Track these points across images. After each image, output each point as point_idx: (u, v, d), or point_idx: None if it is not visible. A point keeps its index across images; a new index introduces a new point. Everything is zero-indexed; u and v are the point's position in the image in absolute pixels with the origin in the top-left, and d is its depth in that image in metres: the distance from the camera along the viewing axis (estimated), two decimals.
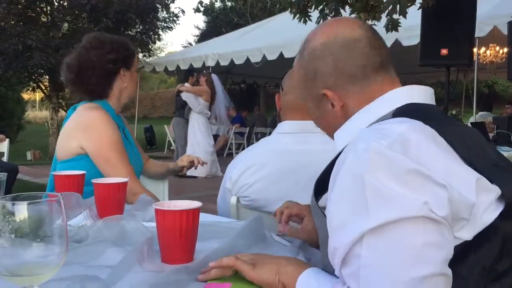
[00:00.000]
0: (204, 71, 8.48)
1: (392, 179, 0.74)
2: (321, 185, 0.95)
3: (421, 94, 0.97)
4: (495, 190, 0.80)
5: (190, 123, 8.00)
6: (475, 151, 0.85)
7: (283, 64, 9.34)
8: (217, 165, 8.10)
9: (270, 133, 1.83)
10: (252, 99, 20.38)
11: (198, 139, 7.89)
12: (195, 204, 1.09)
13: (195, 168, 2.22)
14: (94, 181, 1.43)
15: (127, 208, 1.49)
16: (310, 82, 1.04)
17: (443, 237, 0.74)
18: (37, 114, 31.56)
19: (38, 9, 11.65)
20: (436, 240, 0.73)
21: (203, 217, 1.42)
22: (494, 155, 0.89)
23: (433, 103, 0.98)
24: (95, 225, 1.20)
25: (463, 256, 0.77)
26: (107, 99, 2.06)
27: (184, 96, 7.94)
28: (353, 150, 0.80)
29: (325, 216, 0.88)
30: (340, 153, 0.88)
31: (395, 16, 3.96)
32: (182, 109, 8.33)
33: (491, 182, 0.80)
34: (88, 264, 1.04)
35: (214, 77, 8.20)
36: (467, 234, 0.78)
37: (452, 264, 0.75)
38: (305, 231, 1.28)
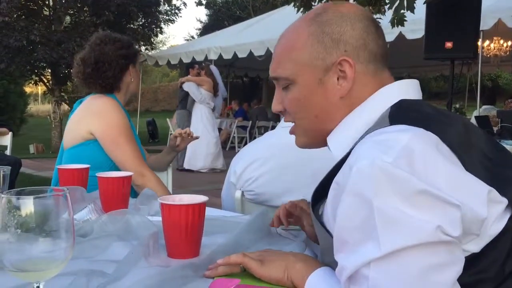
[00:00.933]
0: (203, 63, 8.45)
1: (402, 201, 0.71)
2: (319, 194, 0.93)
3: (410, 88, 0.94)
4: (504, 201, 0.78)
5: (193, 114, 7.92)
6: (470, 144, 0.83)
7: None
8: (222, 158, 8.05)
9: (272, 127, 1.82)
10: (254, 92, 20.35)
11: (201, 131, 7.83)
12: (201, 198, 1.08)
13: (187, 136, 2.19)
14: (98, 175, 1.43)
15: (131, 202, 1.48)
16: (325, 47, 0.92)
17: (454, 256, 0.72)
18: (39, 107, 31.60)
19: (40, 2, 11.62)
20: (447, 261, 0.71)
21: (208, 211, 1.40)
22: (485, 147, 0.86)
23: (420, 95, 0.95)
24: (100, 219, 1.19)
25: (469, 267, 0.75)
26: (116, 92, 2.14)
27: (186, 86, 7.87)
28: (356, 168, 0.75)
29: (326, 230, 0.87)
30: (340, 162, 0.85)
31: (401, 11, 3.92)
32: (184, 101, 8.26)
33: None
34: (93, 258, 1.03)
35: (213, 68, 8.14)
36: (475, 247, 0.77)
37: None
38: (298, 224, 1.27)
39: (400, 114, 0.86)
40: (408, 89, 0.93)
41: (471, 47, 4.36)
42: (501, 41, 8.96)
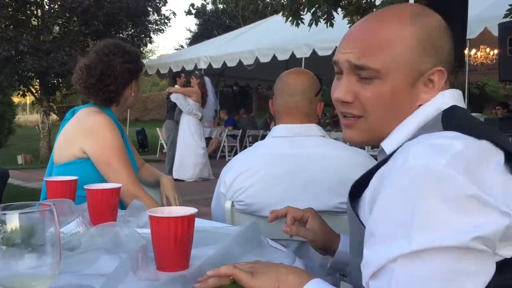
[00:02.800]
0: (197, 72, 8.45)
1: (447, 203, 0.71)
2: (356, 190, 0.93)
3: (459, 96, 0.95)
4: None
5: (181, 125, 7.94)
6: None
7: (275, 66, 9.39)
8: (209, 168, 8.04)
9: (262, 135, 1.82)
10: (245, 101, 20.38)
11: (188, 141, 7.83)
12: (191, 210, 1.07)
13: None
14: (86, 187, 1.41)
15: (120, 214, 1.47)
16: (428, 52, 0.91)
17: (484, 266, 0.72)
18: (27, 117, 31.33)
19: (28, 12, 11.58)
20: (476, 270, 0.71)
21: (198, 222, 1.40)
22: None
23: (464, 105, 0.96)
24: (88, 232, 1.18)
25: (506, 271, 0.75)
26: (113, 105, 2.10)
27: (173, 97, 7.91)
28: (409, 165, 0.75)
29: (362, 224, 0.87)
30: (383, 160, 0.85)
31: None
32: (172, 112, 8.30)
33: None
34: (81, 272, 1.02)
35: (207, 79, 8.16)
36: (509, 252, 0.76)
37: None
38: (310, 231, 1.26)
39: (454, 120, 0.87)
40: (459, 98, 0.95)
41: (458, 56, 4.41)
42: (488, 50, 9.11)
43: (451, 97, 0.94)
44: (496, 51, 8.98)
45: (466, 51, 6.39)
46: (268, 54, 9.26)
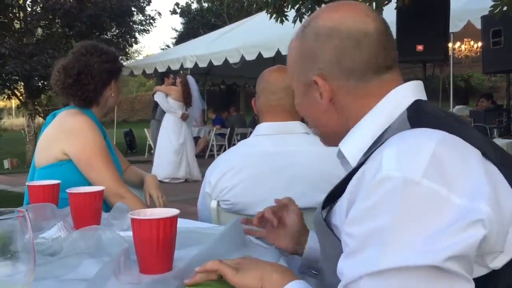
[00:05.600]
0: (181, 72, 8.43)
1: (421, 221, 0.68)
2: (328, 200, 0.91)
3: (420, 89, 0.93)
4: None
5: (162, 123, 7.94)
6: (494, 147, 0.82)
7: (262, 64, 9.34)
8: (183, 167, 7.95)
9: (251, 133, 1.82)
10: (232, 99, 20.35)
11: (162, 140, 7.81)
12: (172, 212, 1.06)
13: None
14: (68, 191, 1.39)
15: (104, 217, 1.45)
16: (305, 63, 0.96)
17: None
18: (13, 121, 31.01)
19: (10, 14, 11.44)
20: None
21: (182, 222, 1.39)
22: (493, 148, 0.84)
23: (425, 96, 0.93)
24: (70, 236, 1.16)
25: (488, 284, 0.73)
26: (94, 106, 2.08)
27: (156, 96, 7.96)
28: (382, 175, 0.72)
29: (335, 235, 0.86)
30: (356, 168, 0.83)
31: None
32: (155, 111, 8.35)
33: None
34: (63, 277, 1.00)
35: (190, 78, 8.12)
36: (498, 263, 0.74)
37: None
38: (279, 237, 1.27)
39: (420, 116, 0.84)
40: (420, 90, 0.93)
41: (442, 50, 4.45)
42: (472, 42, 9.19)
43: (410, 91, 0.91)
44: (480, 44, 9.09)
45: (450, 45, 6.44)
46: (253, 52, 9.25)
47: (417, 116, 0.84)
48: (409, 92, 0.91)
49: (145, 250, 1.03)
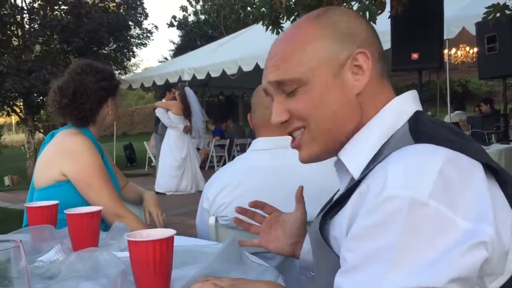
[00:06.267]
0: (179, 84, 8.47)
1: (425, 242, 0.68)
2: (328, 212, 0.90)
3: (417, 99, 0.92)
4: None
5: (164, 138, 8.02)
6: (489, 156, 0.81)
7: (259, 74, 9.33)
8: (185, 180, 7.97)
9: (250, 144, 1.82)
10: (231, 110, 20.40)
11: (165, 154, 7.87)
12: (169, 232, 1.07)
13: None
14: (66, 211, 1.40)
15: (102, 237, 1.46)
16: (340, 40, 0.89)
17: None
18: (13, 137, 31.06)
19: (9, 32, 11.51)
20: None
21: (180, 240, 1.40)
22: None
23: (421, 107, 0.93)
24: (67, 259, 1.17)
25: None
26: (91, 125, 2.09)
27: (156, 111, 8.05)
28: (387, 195, 0.71)
29: (331, 248, 0.86)
30: (358, 181, 0.81)
31: None
32: (157, 126, 8.42)
33: None
34: None
35: (188, 90, 8.16)
36: (496, 284, 0.73)
37: None
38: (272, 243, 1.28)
39: (422, 130, 0.83)
40: (418, 101, 0.92)
41: (437, 57, 4.47)
42: (467, 48, 9.22)
43: (410, 102, 0.90)
44: (475, 50, 9.13)
45: (446, 51, 6.47)
46: (251, 63, 9.28)
47: (419, 130, 0.83)
48: (409, 102, 0.90)
49: (142, 271, 1.03)
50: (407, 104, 0.90)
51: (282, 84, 0.92)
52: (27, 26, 11.71)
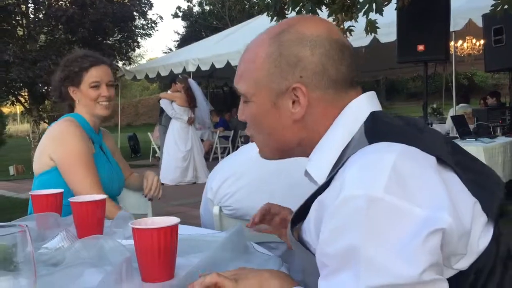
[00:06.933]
0: (180, 76, 8.46)
1: (390, 237, 0.70)
2: (300, 216, 0.92)
3: (374, 100, 0.94)
4: (484, 215, 0.78)
5: (168, 129, 8.03)
6: (447, 149, 0.83)
7: None
8: (191, 172, 7.98)
9: None
10: (235, 101, 20.37)
11: (169, 145, 7.89)
12: (173, 220, 1.07)
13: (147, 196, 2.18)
14: (71, 199, 1.41)
15: (107, 225, 1.47)
16: (282, 70, 0.91)
17: None
18: (18, 127, 31.18)
19: (13, 22, 11.51)
20: None
21: (184, 229, 1.40)
22: (453, 150, 0.86)
23: (379, 106, 0.94)
24: (72, 246, 1.17)
25: (457, 284, 0.75)
26: (77, 110, 2.10)
27: (161, 103, 8.05)
28: (344, 196, 0.73)
29: (307, 249, 0.87)
30: (321, 187, 0.83)
31: (372, 16, 3.98)
32: (161, 117, 8.47)
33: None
34: None
35: (191, 82, 8.15)
36: (464, 264, 0.76)
37: None
38: (275, 228, 1.27)
39: (376, 130, 0.85)
40: (372, 102, 0.93)
41: (443, 49, 4.44)
42: (474, 40, 9.16)
43: (365, 104, 0.91)
44: (482, 42, 9.07)
45: (452, 43, 6.43)
46: None
47: (374, 130, 0.85)
48: (365, 104, 0.91)
49: (146, 259, 1.04)
50: (362, 106, 0.91)
51: (238, 92, 0.99)
52: (32, 16, 11.70)
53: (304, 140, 0.95)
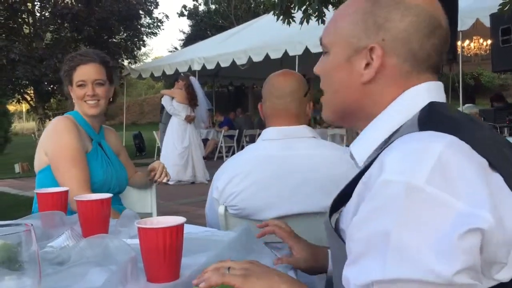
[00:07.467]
0: (182, 74, 8.46)
1: (425, 231, 0.66)
2: (337, 204, 0.90)
3: (437, 90, 0.89)
4: None
5: (168, 126, 8.02)
6: (506, 156, 0.78)
7: (269, 65, 9.37)
8: (189, 170, 7.96)
9: (259, 135, 1.81)
10: (240, 101, 20.38)
11: (167, 143, 7.88)
12: (179, 220, 1.06)
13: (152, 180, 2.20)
14: (76, 198, 1.40)
15: (112, 224, 1.46)
16: (367, 27, 0.88)
17: None
18: (24, 125, 31.32)
19: (20, 20, 11.57)
20: None
21: (190, 229, 1.39)
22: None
23: (445, 98, 0.90)
24: (77, 245, 1.17)
25: None
26: (75, 108, 2.13)
27: (163, 99, 8.08)
28: (385, 179, 0.71)
29: (341, 239, 0.85)
30: (365, 168, 0.80)
31: None
32: (162, 114, 8.53)
33: None
34: (70, 287, 1.01)
35: (193, 80, 8.15)
36: (505, 275, 0.71)
37: None
38: (301, 259, 1.22)
39: (431, 118, 0.81)
40: (436, 92, 0.89)
41: (450, 49, 4.41)
42: (481, 40, 9.10)
43: (425, 93, 0.87)
44: (489, 42, 9.01)
45: (459, 43, 6.39)
46: (261, 53, 9.25)
47: (427, 118, 0.81)
48: (425, 93, 0.87)
49: (151, 258, 1.03)
50: (423, 94, 0.87)
51: (321, 44, 0.98)
52: (38, 14, 11.76)
53: (364, 108, 0.91)
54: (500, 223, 0.68)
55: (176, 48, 29.82)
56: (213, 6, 28.45)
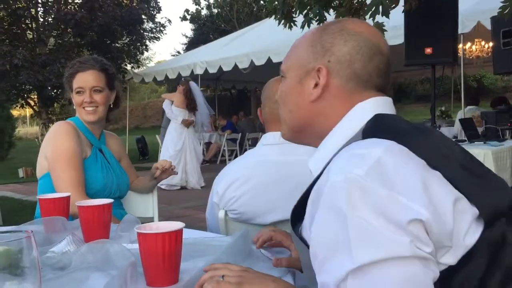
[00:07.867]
0: (183, 79, 8.49)
1: (375, 214, 0.72)
2: (298, 213, 0.93)
3: (384, 105, 0.96)
4: (471, 211, 0.78)
5: (167, 130, 8.06)
6: (446, 156, 0.84)
7: (271, 68, 9.39)
8: (192, 176, 7.91)
9: (261, 137, 1.83)
10: (243, 104, 20.40)
11: (165, 146, 7.93)
12: (178, 225, 1.08)
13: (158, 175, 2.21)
14: (78, 203, 1.42)
15: (113, 229, 1.48)
16: (316, 51, 0.98)
17: (429, 274, 0.72)
18: (28, 130, 31.41)
19: (23, 25, 11.64)
20: (422, 276, 0.71)
21: (189, 233, 1.41)
22: (461, 156, 0.87)
23: (394, 112, 0.97)
24: (79, 250, 1.18)
25: (448, 280, 0.75)
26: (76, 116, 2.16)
27: (164, 104, 8.13)
28: (329, 181, 0.77)
29: (306, 246, 0.87)
30: (316, 179, 0.86)
31: (379, 19, 3.97)
32: (162, 118, 8.61)
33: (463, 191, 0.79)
34: None
35: (193, 84, 8.17)
36: (452, 259, 0.76)
37: None
38: (292, 260, 1.24)
39: (374, 128, 0.88)
40: (384, 106, 0.95)
41: (451, 52, 4.42)
42: (482, 43, 9.09)
43: (372, 107, 0.94)
44: (491, 44, 9.00)
45: (460, 45, 6.39)
46: (263, 57, 9.26)
47: (371, 129, 0.88)
48: (371, 108, 0.94)
49: (151, 263, 1.04)
50: (369, 108, 0.94)
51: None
52: (41, 20, 11.84)
53: (316, 126, 0.99)
54: (438, 216, 0.74)
55: (178, 52, 29.90)
56: (215, 10, 28.52)
